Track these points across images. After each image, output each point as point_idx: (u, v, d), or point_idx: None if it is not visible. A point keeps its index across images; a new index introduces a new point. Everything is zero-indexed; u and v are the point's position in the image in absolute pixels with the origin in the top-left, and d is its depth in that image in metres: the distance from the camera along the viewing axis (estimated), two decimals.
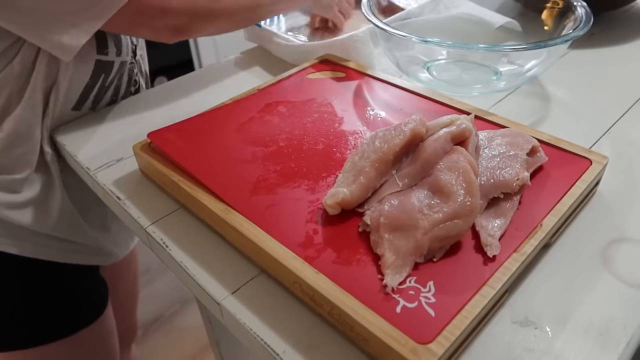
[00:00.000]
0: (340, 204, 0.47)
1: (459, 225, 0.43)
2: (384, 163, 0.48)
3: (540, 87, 0.74)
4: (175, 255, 0.49)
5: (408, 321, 0.37)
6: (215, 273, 0.47)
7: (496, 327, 0.41)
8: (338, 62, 0.74)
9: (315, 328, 0.42)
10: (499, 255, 0.42)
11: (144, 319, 1.59)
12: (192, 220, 0.53)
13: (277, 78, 0.71)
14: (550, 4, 0.75)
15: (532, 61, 0.67)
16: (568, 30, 0.67)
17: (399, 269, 0.41)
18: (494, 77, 0.72)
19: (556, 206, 0.47)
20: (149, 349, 1.51)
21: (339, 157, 0.55)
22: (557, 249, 0.47)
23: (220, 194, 0.50)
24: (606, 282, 0.44)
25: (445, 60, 0.76)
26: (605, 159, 0.52)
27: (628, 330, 0.40)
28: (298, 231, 0.46)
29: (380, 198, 0.47)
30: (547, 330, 0.40)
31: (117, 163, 0.63)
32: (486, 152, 0.51)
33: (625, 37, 0.86)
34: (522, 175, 0.47)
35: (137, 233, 0.56)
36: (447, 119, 0.51)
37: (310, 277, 0.41)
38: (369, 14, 0.68)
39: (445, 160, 0.47)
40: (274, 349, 0.40)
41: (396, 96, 0.66)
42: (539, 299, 0.43)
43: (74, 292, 0.78)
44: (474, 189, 0.44)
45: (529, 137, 0.52)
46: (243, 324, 0.42)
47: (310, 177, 0.52)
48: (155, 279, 1.70)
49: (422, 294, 0.40)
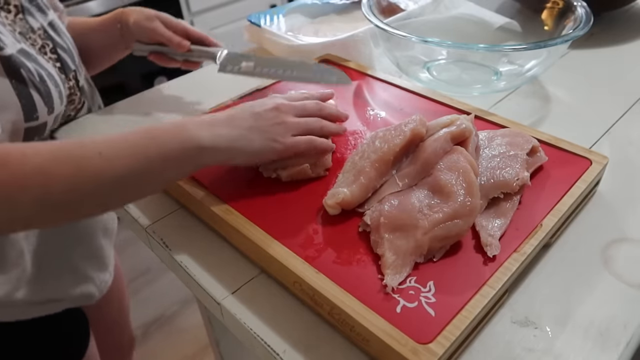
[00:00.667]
0: (341, 204, 0.47)
1: (459, 225, 0.43)
2: (384, 163, 0.48)
3: (540, 87, 0.74)
4: (175, 255, 0.49)
5: (408, 321, 0.37)
6: (215, 273, 0.47)
7: (496, 327, 0.41)
8: (338, 62, 0.74)
9: (315, 328, 0.42)
10: (499, 255, 0.42)
11: (144, 319, 1.59)
12: (192, 220, 0.53)
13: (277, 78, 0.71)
14: (550, 4, 0.75)
15: (532, 61, 0.67)
16: (568, 30, 0.67)
17: (399, 269, 0.41)
18: (494, 77, 0.72)
19: (556, 206, 0.47)
20: (149, 349, 1.51)
21: (339, 157, 0.55)
22: (557, 249, 0.47)
23: (220, 194, 0.50)
24: (606, 282, 0.44)
25: (445, 60, 0.76)
26: (605, 159, 0.52)
27: (628, 330, 0.40)
28: (298, 231, 0.46)
29: (381, 198, 0.47)
30: (547, 330, 0.40)
31: None
32: (486, 152, 0.51)
33: (625, 37, 0.86)
34: (522, 175, 0.47)
35: (137, 233, 0.56)
36: (447, 119, 0.51)
37: (310, 277, 0.41)
38: (369, 14, 0.68)
39: (445, 160, 0.47)
40: (274, 349, 0.40)
41: (396, 96, 0.66)
42: (539, 299, 0.43)
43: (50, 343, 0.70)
44: (474, 189, 0.44)
45: (529, 137, 0.52)
46: (243, 323, 0.42)
47: (310, 177, 0.52)
48: (155, 279, 1.70)
49: (422, 293, 0.40)
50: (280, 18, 0.90)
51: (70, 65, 0.67)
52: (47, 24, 0.65)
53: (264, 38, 0.85)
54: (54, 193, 0.41)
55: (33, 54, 0.59)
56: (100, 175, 0.42)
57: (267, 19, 0.88)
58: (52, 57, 0.64)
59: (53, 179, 0.41)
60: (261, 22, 0.86)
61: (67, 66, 0.66)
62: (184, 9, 1.88)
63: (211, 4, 1.96)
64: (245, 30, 0.89)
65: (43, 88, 0.58)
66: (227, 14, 2.04)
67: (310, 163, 0.51)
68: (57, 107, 0.61)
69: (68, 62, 0.66)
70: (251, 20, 0.87)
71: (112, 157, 0.43)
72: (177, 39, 0.69)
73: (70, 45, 0.68)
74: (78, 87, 0.68)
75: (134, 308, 1.60)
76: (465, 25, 0.81)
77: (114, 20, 0.73)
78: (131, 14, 0.71)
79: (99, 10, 1.67)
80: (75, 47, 0.70)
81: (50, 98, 0.59)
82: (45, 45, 0.64)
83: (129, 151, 0.44)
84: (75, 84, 0.68)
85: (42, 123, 0.59)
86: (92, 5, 1.65)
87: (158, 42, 0.70)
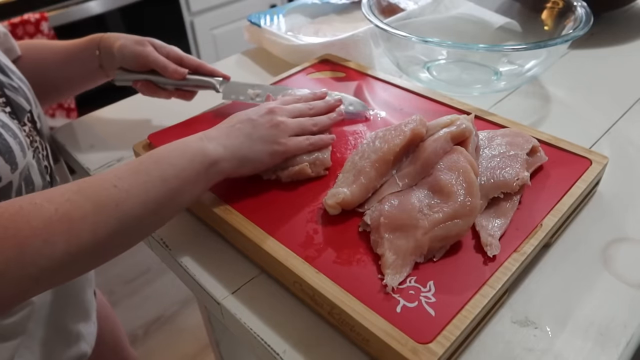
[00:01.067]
0: (341, 204, 0.47)
1: (459, 225, 0.43)
2: (384, 163, 0.48)
3: (540, 87, 0.74)
4: (175, 255, 0.49)
5: (408, 321, 0.37)
6: (215, 273, 0.47)
7: (496, 327, 0.41)
8: (338, 62, 0.74)
9: (315, 328, 0.42)
10: (499, 255, 0.42)
11: (144, 319, 1.59)
12: (192, 220, 0.53)
13: (277, 78, 0.71)
14: (550, 4, 0.75)
15: (532, 61, 0.67)
16: (568, 30, 0.67)
17: (399, 269, 0.41)
18: (494, 77, 0.72)
19: (556, 206, 0.47)
20: (149, 349, 1.51)
21: (339, 157, 0.55)
22: (557, 249, 0.47)
23: (220, 194, 0.50)
24: (606, 282, 0.44)
25: (445, 60, 0.76)
26: (605, 159, 0.52)
27: (628, 330, 0.40)
28: (298, 231, 0.46)
29: (381, 198, 0.47)
30: (547, 330, 0.40)
31: (117, 163, 0.63)
32: (486, 152, 0.51)
33: (625, 37, 0.86)
34: (522, 175, 0.47)
35: None
36: (447, 119, 0.51)
37: (310, 277, 0.41)
38: (369, 14, 0.68)
39: (445, 160, 0.47)
40: (274, 349, 0.40)
41: (396, 96, 0.66)
42: (539, 299, 0.43)
43: None
44: (474, 189, 0.44)
45: (529, 137, 0.53)
46: (243, 323, 0.42)
47: (310, 177, 0.52)
48: (155, 279, 1.70)
49: (422, 293, 0.40)
50: (281, 18, 0.90)
51: (25, 105, 0.57)
52: None
53: (264, 38, 0.85)
54: (80, 237, 0.38)
55: None
56: (120, 206, 0.40)
57: (267, 19, 0.88)
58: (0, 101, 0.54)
59: (75, 223, 0.38)
60: (261, 22, 0.86)
61: (20, 108, 0.56)
62: (184, 9, 1.88)
63: (211, 4, 1.96)
64: (245, 30, 0.89)
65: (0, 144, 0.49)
66: (227, 14, 2.04)
67: (309, 162, 0.51)
68: (21, 161, 0.51)
69: (21, 102, 0.56)
70: (251, 20, 0.87)
71: (127, 187, 0.41)
72: (173, 66, 0.62)
73: (20, 82, 0.58)
74: (36, 130, 0.59)
75: (134, 308, 1.61)
76: (465, 25, 0.81)
77: (90, 45, 0.65)
78: (116, 39, 0.64)
79: (99, 10, 1.67)
80: (26, 82, 0.60)
81: (12, 153, 0.49)
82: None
83: (143, 178, 0.42)
84: (33, 127, 0.58)
85: (7, 184, 0.50)
86: (92, 5, 1.65)
87: (149, 69, 0.63)
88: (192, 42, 1.98)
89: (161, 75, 0.63)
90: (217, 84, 0.64)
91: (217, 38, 2.05)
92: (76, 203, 0.39)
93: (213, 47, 2.06)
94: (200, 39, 1.99)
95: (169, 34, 1.90)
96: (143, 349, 1.51)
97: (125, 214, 0.41)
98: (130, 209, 0.41)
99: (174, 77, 0.63)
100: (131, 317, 1.58)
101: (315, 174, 0.52)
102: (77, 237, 0.39)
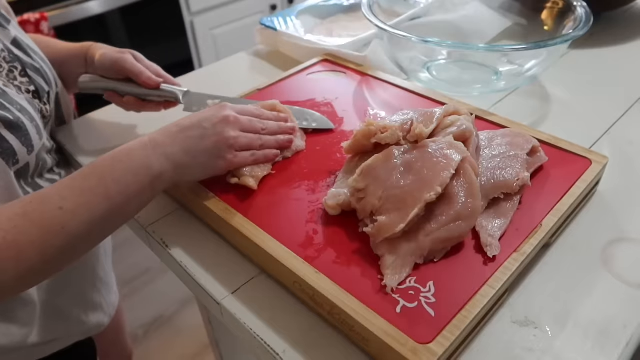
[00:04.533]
0: (342, 204, 0.47)
1: (461, 227, 0.43)
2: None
3: (540, 87, 0.74)
4: (175, 255, 0.49)
5: (408, 321, 0.37)
6: (215, 273, 0.47)
7: (496, 327, 0.41)
8: (338, 61, 0.74)
9: (315, 328, 0.42)
10: (499, 255, 0.42)
11: (144, 319, 1.58)
12: (192, 220, 0.53)
13: (277, 78, 0.71)
14: (550, 4, 0.75)
15: (532, 61, 0.67)
16: (568, 30, 0.67)
17: (399, 270, 0.41)
18: (494, 77, 0.72)
19: (556, 206, 0.47)
20: (149, 348, 1.50)
21: (339, 157, 0.55)
22: (557, 249, 0.47)
23: (220, 194, 0.50)
24: (606, 282, 0.44)
25: (445, 60, 0.76)
26: (605, 159, 0.52)
27: (628, 330, 0.40)
28: (298, 231, 0.46)
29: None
30: (547, 330, 0.40)
31: None
32: (486, 152, 0.51)
33: (625, 37, 0.86)
34: (522, 176, 0.47)
35: (137, 232, 0.56)
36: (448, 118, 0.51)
37: (310, 277, 0.41)
38: (369, 14, 0.68)
39: None
40: (274, 349, 0.40)
41: (396, 96, 0.66)
42: (539, 299, 0.43)
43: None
44: (475, 190, 0.44)
45: (529, 137, 0.52)
46: (243, 323, 0.42)
47: (310, 177, 0.52)
48: (155, 279, 1.70)
49: (422, 294, 0.40)
50: (295, 20, 0.89)
51: (45, 86, 0.60)
52: (10, 43, 0.58)
53: (281, 41, 0.84)
54: (29, 260, 0.40)
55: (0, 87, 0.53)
56: (66, 228, 0.41)
57: (280, 21, 0.87)
58: (23, 81, 0.57)
59: (23, 248, 0.40)
60: (276, 26, 0.85)
61: (42, 88, 0.59)
62: (184, 9, 1.87)
63: (211, 4, 1.96)
64: (258, 34, 0.88)
65: (18, 127, 0.51)
66: (227, 14, 2.04)
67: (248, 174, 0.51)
68: (37, 144, 0.55)
69: (42, 83, 0.60)
70: (265, 24, 0.86)
71: (72, 207, 0.42)
72: (147, 73, 0.62)
73: (42, 62, 0.61)
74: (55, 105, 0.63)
75: (134, 308, 1.60)
76: (466, 25, 0.81)
77: (80, 53, 0.67)
78: (100, 48, 0.65)
79: (99, 10, 1.67)
80: (47, 62, 0.63)
81: (28, 137, 0.53)
82: (13, 69, 0.57)
83: (87, 198, 0.43)
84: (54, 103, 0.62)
85: (24, 165, 0.54)
86: (92, 5, 1.65)
87: (124, 76, 0.63)
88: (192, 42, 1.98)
89: (129, 85, 0.63)
90: (180, 95, 0.63)
91: (217, 38, 2.05)
92: (23, 228, 0.40)
93: (213, 47, 2.06)
94: (200, 39, 1.99)
95: (169, 34, 1.90)
96: (143, 348, 1.51)
97: (71, 235, 0.42)
98: (76, 229, 0.42)
99: (146, 84, 0.62)
100: (131, 317, 1.58)
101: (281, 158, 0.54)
102: (26, 261, 0.40)
